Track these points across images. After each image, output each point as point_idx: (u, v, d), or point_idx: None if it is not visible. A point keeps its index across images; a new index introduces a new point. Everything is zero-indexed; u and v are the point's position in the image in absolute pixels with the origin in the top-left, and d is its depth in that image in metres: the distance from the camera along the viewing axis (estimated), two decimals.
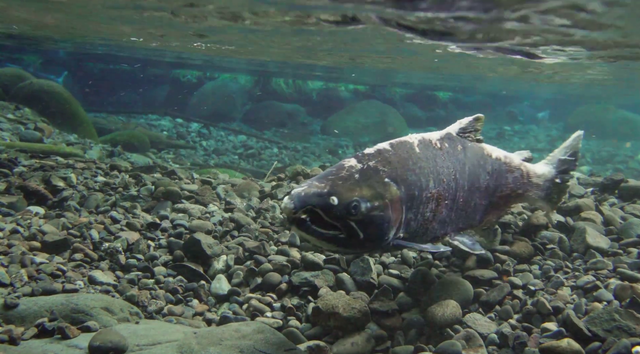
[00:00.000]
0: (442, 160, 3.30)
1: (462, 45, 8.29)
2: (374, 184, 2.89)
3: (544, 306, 3.83)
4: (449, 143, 3.44)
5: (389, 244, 3.02)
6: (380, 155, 3.07)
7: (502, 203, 3.91)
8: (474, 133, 3.64)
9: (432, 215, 3.23)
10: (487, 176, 3.65)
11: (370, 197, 2.84)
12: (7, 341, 3.31)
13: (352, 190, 2.81)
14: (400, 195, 2.98)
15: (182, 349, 3.29)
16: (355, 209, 2.76)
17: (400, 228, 3.03)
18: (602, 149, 21.02)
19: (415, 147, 3.24)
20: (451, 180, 3.32)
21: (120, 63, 26.75)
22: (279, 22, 7.99)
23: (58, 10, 9.51)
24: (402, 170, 3.05)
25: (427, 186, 3.16)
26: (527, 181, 4.06)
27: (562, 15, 5.39)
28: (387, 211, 2.90)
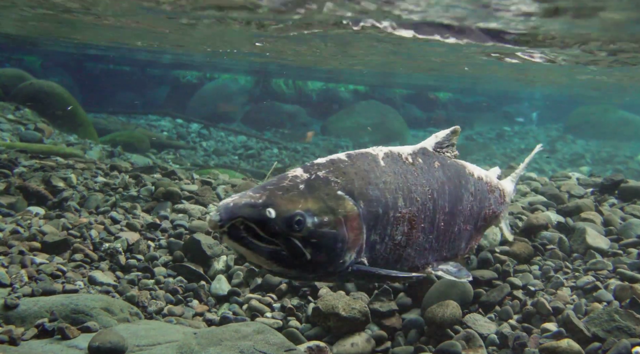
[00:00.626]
0: (415, 176, 2.88)
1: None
2: (322, 196, 2.49)
3: (543, 306, 3.83)
4: (423, 159, 3.01)
5: (347, 269, 2.58)
6: (334, 165, 2.65)
7: (483, 228, 3.56)
8: (450, 149, 3.24)
9: (405, 240, 2.80)
10: (470, 197, 3.25)
11: (318, 211, 2.44)
12: (7, 341, 3.32)
13: (294, 201, 2.42)
14: (358, 212, 2.55)
15: (182, 349, 3.29)
16: (299, 224, 2.38)
17: (362, 251, 2.60)
18: (602, 150, 21.03)
19: (380, 160, 2.81)
20: (427, 200, 2.89)
21: (121, 64, 26.77)
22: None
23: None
24: (361, 184, 2.63)
25: (396, 205, 2.73)
26: (503, 201, 3.75)
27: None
28: (340, 229, 2.48)
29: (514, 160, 17.89)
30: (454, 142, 3.25)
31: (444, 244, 3.09)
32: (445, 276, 3.01)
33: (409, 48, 9.86)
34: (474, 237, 3.44)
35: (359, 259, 2.62)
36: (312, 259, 2.44)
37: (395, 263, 2.84)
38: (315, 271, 2.53)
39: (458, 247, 3.26)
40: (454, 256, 3.27)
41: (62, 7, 8.41)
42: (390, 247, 2.75)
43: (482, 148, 20.59)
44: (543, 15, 5.63)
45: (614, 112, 24.53)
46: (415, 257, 2.92)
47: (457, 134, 3.26)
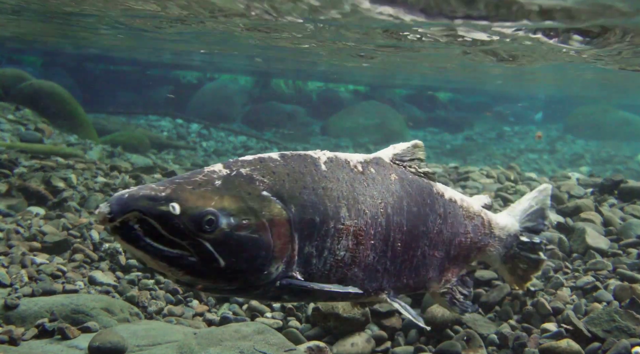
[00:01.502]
0: (364, 186, 2.54)
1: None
2: (243, 195, 2.17)
3: (543, 306, 3.83)
4: (376, 169, 2.67)
5: (273, 282, 2.26)
6: (262, 163, 2.33)
7: (462, 258, 3.12)
8: (416, 163, 2.88)
9: (351, 257, 2.45)
10: (438, 219, 2.87)
11: (236, 211, 2.13)
12: (7, 341, 3.32)
13: (206, 198, 2.10)
14: (288, 217, 2.24)
15: (182, 349, 3.30)
16: (210, 224, 2.06)
17: (293, 264, 2.28)
18: (602, 150, 21.04)
19: (321, 164, 2.47)
20: (379, 214, 2.55)
21: (121, 64, 26.79)
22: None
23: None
24: (294, 186, 2.31)
25: (338, 215, 2.39)
26: (489, 232, 3.25)
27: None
28: (263, 234, 2.17)
29: (513, 160, 17.91)
30: (419, 157, 2.91)
31: (403, 268, 2.72)
32: (402, 311, 2.68)
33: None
34: (449, 268, 3.04)
35: (289, 272, 2.28)
36: (227, 267, 2.11)
37: (338, 283, 2.48)
38: (232, 281, 2.20)
39: (425, 275, 2.88)
40: (421, 287, 2.92)
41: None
42: (332, 263, 2.40)
43: (482, 148, 20.61)
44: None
45: (614, 112, 24.55)
46: (365, 279, 2.56)
47: (421, 149, 2.92)
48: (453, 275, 3.10)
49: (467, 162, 16.62)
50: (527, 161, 18.65)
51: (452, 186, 6.19)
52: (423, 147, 2.93)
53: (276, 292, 2.32)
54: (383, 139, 19.58)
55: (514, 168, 6.97)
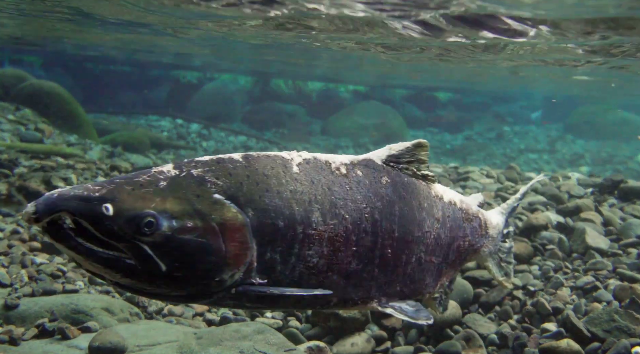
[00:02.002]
0: (345, 190, 2.41)
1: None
2: (190, 198, 2.08)
3: (543, 306, 3.83)
4: (364, 171, 2.53)
5: (228, 289, 2.16)
6: (218, 164, 2.22)
7: (459, 262, 3.01)
8: (415, 165, 2.72)
9: (326, 263, 2.33)
10: (436, 224, 2.74)
11: (180, 214, 2.04)
12: (7, 341, 3.32)
13: (146, 199, 2.02)
14: (244, 221, 2.13)
15: (182, 349, 3.30)
16: (149, 226, 1.98)
17: (252, 271, 2.18)
18: (602, 150, 21.05)
19: (293, 166, 2.35)
20: (362, 219, 2.42)
21: (121, 64, 26.80)
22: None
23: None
24: (254, 189, 2.20)
25: (308, 220, 2.28)
26: (485, 233, 3.15)
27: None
28: (212, 239, 2.07)
29: (513, 160, 17.92)
30: (420, 158, 2.74)
31: (395, 276, 2.59)
32: (396, 315, 2.57)
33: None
34: (446, 273, 2.92)
35: (248, 280, 2.17)
36: (170, 272, 2.02)
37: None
38: (178, 288, 2.10)
39: (422, 283, 2.74)
40: (417, 294, 2.78)
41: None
42: (302, 271, 2.29)
43: (481, 148, 20.61)
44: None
45: (614, 112, 24.55)
46: (347, 287, 2.44)
47: (424, 149, 2.75)
48: (448, 279, 3.00)
49: (467, 162, 16.63)
50: (527, 161, 18.66)
51: (452, 187, 6.19)
52: (427, 147, 2.75)
53: (234, 299, 2.21)
54: (383, 139, 19.60)
55: (514, 168, 6.97)
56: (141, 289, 2.09)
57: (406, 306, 2.63)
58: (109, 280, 2.06)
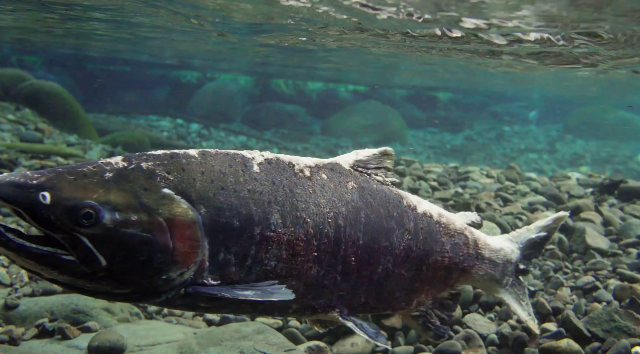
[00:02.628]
0: (308, 193, 2.33)
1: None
2: (136, 190, 1.99)
3: (543, 306, 3.83)
4: (330, 175, 2.45)
5: (176, 289, 2.07)
6: (172, 159, 2.15)
7: (439, 279, 2.83)
8: (382, 172, 2.66)
9: (285, 268, 2.25)
10: (406, 234, 2.62)
11: (124, 206, 1.95)
12: (7, 341, 3.33)
13: (87, 189, 1.94)
14: (194, 218, 2.05)
15: (182, 349, 3.30)
16: (88, 218, 1.89)
17: (203, 271, 2.09)
18: (602, 150, 21.05)
19: (253, 165, 2.27)
20: (325, 224, 2.33)
21: (122, 64, 26.81)
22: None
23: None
24: (208, 186, 2.12)
25: (267, 222, 2.19)
26: (475, 253, 2.95)
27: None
28: (159, 235, 1.98)
29: (513, 160, 17.92)
30: (386, 166, 2.68)
31: (360, 286, 2.50)
32: (355, 331, 2.48)
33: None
34: (422, 289, 2.77)
35: (199, 280, 2.08)
36: (111, 268, 1.93)
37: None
38: (121, 285, 2.01)
39: (390, 296, 2.65)
40: (385, 307, 2.70)
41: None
42: (259, 274, 2.20)
43: (481, 148, 20.62)
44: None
45: (614, 112, 24.55)
46: (308, 294, 2.35)
47: (390, 157, 2.69)
48: (428, 297, 2.84)
49: (467, 162, 16.64)
50: (527, 161, 18.66)
51: (452, 186, 6.19)
52: (392, 155, 2.70)
53: (185, 300, 2.12)
54: (383, 139, 19.60)
55: (514, 168, 6.97)
56: (81, 287, 2.01)
57: (367, 325, 2.54)
58: (46, 277, 1.99)
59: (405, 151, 18.98)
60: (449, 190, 6.03)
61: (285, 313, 2.42)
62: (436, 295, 2.88)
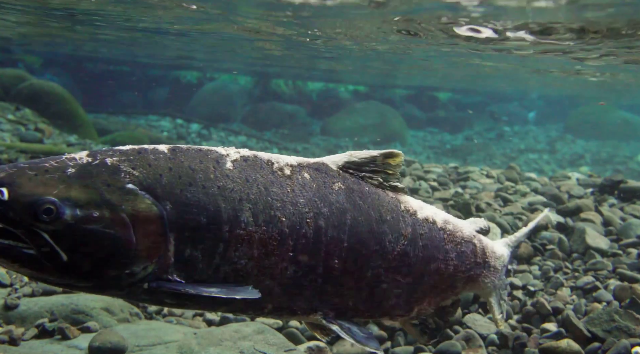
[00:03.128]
0: (286, 192, 2.28)
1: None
2: (99, 186, 1.99)
3: (543, 306, 3.84)
4: (312, 174, 2.39)
5: (140, 283, 2.09)
6: (139, 155, 2.13)
7: (443, 287, 2.76)
8: (381, 176, 2.57)
9: (255, 267, 2.21)
10: (402, 239, 2.53)
11: (86, 202, 1.96)
12: (7, 341, 3.32)
13: (48, 185, 1.95)
14: (159, 214, 2.05)
15: (182, 349, 3.30)
16: (49, 214, 1.90)
17: (168, 265, 2.09)
18: (602, 150, 21.06)
19: (227, 161, 2.24)
20: (303, 224, 2.28)
21: (122, 64, 26.82)
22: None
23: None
24: (175, 182, 2.11)
25: (236, 219, 2.16)
26: (482, 261, 2.88)
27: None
28: (122, 231, 1.99)
29: (513, 160, 17.92)
30: (388, 170, 2.58)
31: (346, 290, 2.43)
32: (341, 334, 2.41)
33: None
34: (424, 297, 2.70)
35: (164, 275, 2.09)
36: (74, 263, 1.96)
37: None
38: (83, 279, 2.03)
39: (385, 302, 2.57)
40: (380, 314, 2.63)
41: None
42: (227, 272, 2.18)
43: (481, 148, 20.62)
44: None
45: (614, 112, 24.56)
46: (285, 295, 2.31)
47: (396, 160, 2.58)
48: (431, 305, 2.78)
49: (467, 162, 16.64)
50: (527, 161, 18.66)
51: (452, 187, 6.19)
52: (400, 158, 2.58)
53: (149, 295, 2.14)
54: (383, 139, 19.60)
55: (514, 168, 6.98)
56: (45, 278, 2.04)
57: (357, 329, 2.47)
58: (7, 269, 2.02)
59: (406, 151, 18.98)
60: (449, 190, 6.03)
61: (260, 313, 2.38)
62: (440, 303, 2.83)
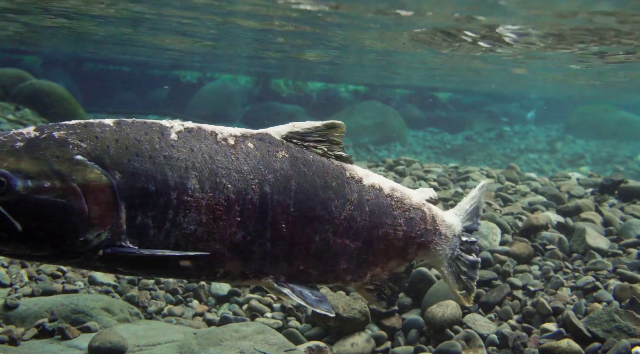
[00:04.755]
0: (230, 160, 2.38)
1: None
2: (48, 158, 2.09)
3: (543, 306, 3.83)
4: (256, 144, 2.49)
5: (94, 250, 2.18)
6: (85, 128, 2.22)
7: (393, 252, 2.85)
8: (325, 145, 2.66)
9: (205, 232, 2.31)
10: (348, 204, 2.64)
11: (36, 174, 2.05)
12: (7, 341, 3.32)
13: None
14: (108, 183, 2.15)
15: (182, 349, 3.30)
16: (0, 185, 2.00)
17: (121, 232, 2.19)
18: (602, 150, 21.05)
19: (171, 133, 2.33)
20: (249, 190, 2.38)
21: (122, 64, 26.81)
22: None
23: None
24: (122, 152, 2.21)
25: (183, 186, 2.26)
26: (433, 228, 2.99)
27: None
28: (74, 200, 2.09)
29: (513, 160, 17.91)
30: (333, 139, 2.67)
31: (295, 254, 2.53)
32: (293, 297, 2.50)
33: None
34: (375, 262, 2.80)
35: (117, 242, 2.20)
36: (28, 232, 2.04)
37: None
38: (38, 248, 2.12)
39: (335, 266, 2.66)
40: (331, 278, 2.72)
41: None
42: (178, 237, 2.28)
43: (482, 148, 20.61)
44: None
45: (614, 112, 24.56)
46: (235, 258, 2.41)
47: (338, 130, 2.68)
48: (385, 270, 2.88)
49: (467, 162, 16.63)
50: (527, 161, 18.66)
51: (452, 186, 6.19)
52: (342, 128, 2.69)
53: (104, 262, 2.23)
54: (383, 139, 19.60)
55: (514, 168, 6.97)
56: (1, 250, 2.11)
57: (308, 292, 2.57)
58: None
59: (406, 151, 18.98)
60: (449, 190, 6.03)
61: (213, 278, 2.47)
62: (393, 268, 2.92)
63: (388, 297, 2.96)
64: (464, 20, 6.12)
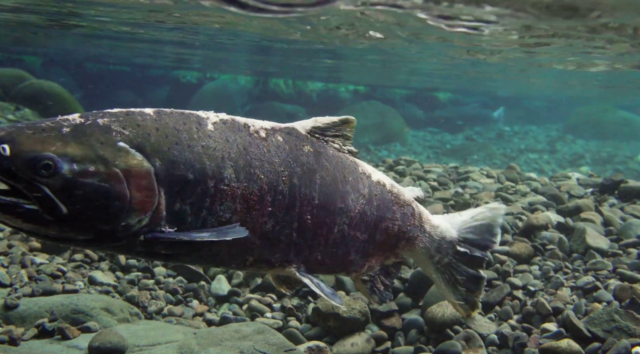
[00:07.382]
0: (263, 152, 2.46)
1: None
2: (93, 144, 2.14)
3: (543, 306, 3.83)
4: (285, 138, 2.58)
5: (135, 235, 2.23)
6: (128, 116, 2.28)
7: (388, 246, 2.95)
8: (340, 140, 2.78)
9: (240, 220, 2.39)
10: (361, 199, 2.76)
11: (81, 158, 2.10)
12: (7, 341, 3.32)
13: (46, 142, 2.08)
14: (149, 170, 2.20)
15: (182, 349, 3.30)
16: (48, 169, 2.04)
17: (161, 219, 2.24)
18: (602, 150, 21.05)
19: (208, 123, 2.40)
20: (280, 182, 2.47)
21: (121, 64, 26.80)
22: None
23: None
24: (162, 140, 2.27)
25: (220, 176, 2.33)
26: (419, 224, 3.06)
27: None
28: (116, 184, 2.13)
29: (513, 160, 17.91)
30: (346, 134, 2.79)
31: (316, 244, 2.63)
32: (312, 287, 2.58)
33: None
34: (374, 254, 2.90)
35: (156, 227, 2.24)
36: (72, 214, 2.08)
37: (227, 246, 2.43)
38: (82, 231, 2.16)
39: (346, 258, 2.77)
40: (341, 269, 2.81)
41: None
42: (214, 224, 2.35)
43: (482, 148, 20.60)
44: None
45: (614, 112, 24.55)
46: (264, 248, 2.49)
47: (350, 125, 2.79)
48: (377, 262, 2.97)
49: (467, 162, 16.64)
50: (527, 161, 18.66)
51: (452, 186, 6.19)
52: (353, 124, 2.79)
53: (144, 247, 2.27)
54: (383, 139, 19.59)
55: (514, 168, 6.97)
56: (46, 234, 2.15)
57: (324, 286, 2.64)
58: (11, 226, 2.12)
59: (406, 151, 18.98)
60: (449, 190, 6.03)
61: (242, 266, 2.53)
62: (384, 261, 3.02)
63: (380, 292, 3.03)
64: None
